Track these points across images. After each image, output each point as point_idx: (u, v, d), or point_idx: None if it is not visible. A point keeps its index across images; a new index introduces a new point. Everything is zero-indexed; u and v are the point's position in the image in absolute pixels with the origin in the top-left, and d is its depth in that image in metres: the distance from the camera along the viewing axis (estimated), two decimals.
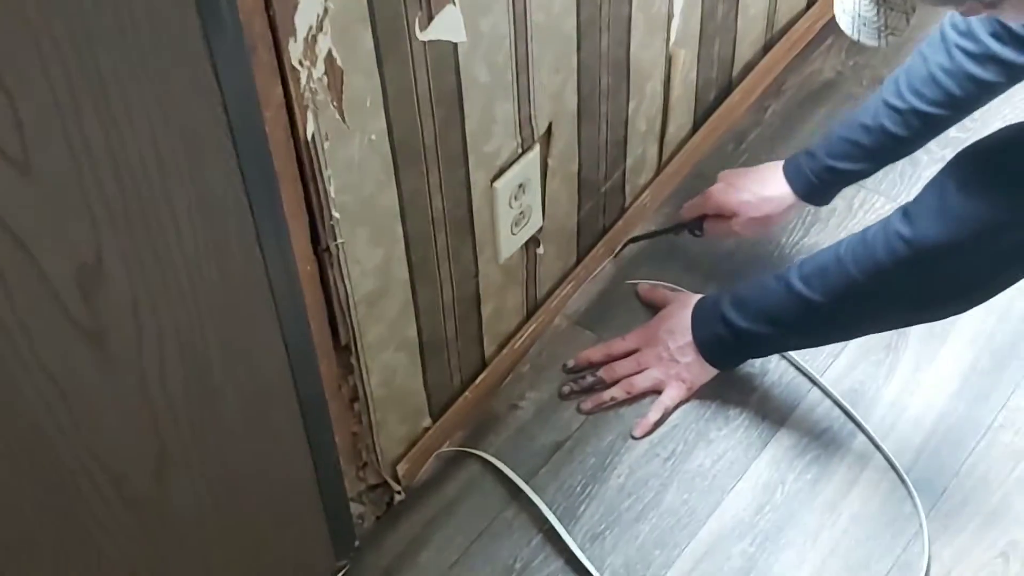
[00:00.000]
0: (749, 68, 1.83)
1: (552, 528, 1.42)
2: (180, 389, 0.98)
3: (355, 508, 1.43)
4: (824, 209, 1.69)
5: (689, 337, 1.48)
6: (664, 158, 1.72)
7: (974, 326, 1.57)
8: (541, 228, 1.48)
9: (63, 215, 0.80)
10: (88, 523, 0.96)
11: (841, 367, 1.56)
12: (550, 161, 1.42)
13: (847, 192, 1.70)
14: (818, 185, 1.50)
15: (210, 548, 1.15)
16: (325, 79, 1.03)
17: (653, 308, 1.59)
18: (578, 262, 1.63)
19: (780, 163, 1.55)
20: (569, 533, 1.42)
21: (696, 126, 1.76)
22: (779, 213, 1.54)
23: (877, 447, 1.48)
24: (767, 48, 1.85)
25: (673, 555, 1.42)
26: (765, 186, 1.53)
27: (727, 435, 1.51)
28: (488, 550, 1.42)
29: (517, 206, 1.39)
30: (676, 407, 1.51)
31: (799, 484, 1.47)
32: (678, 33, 1.57)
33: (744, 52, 1.80)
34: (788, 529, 1.43)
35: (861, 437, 1.50)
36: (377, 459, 1.42)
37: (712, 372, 1.50)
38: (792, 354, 1.55)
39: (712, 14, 1.64)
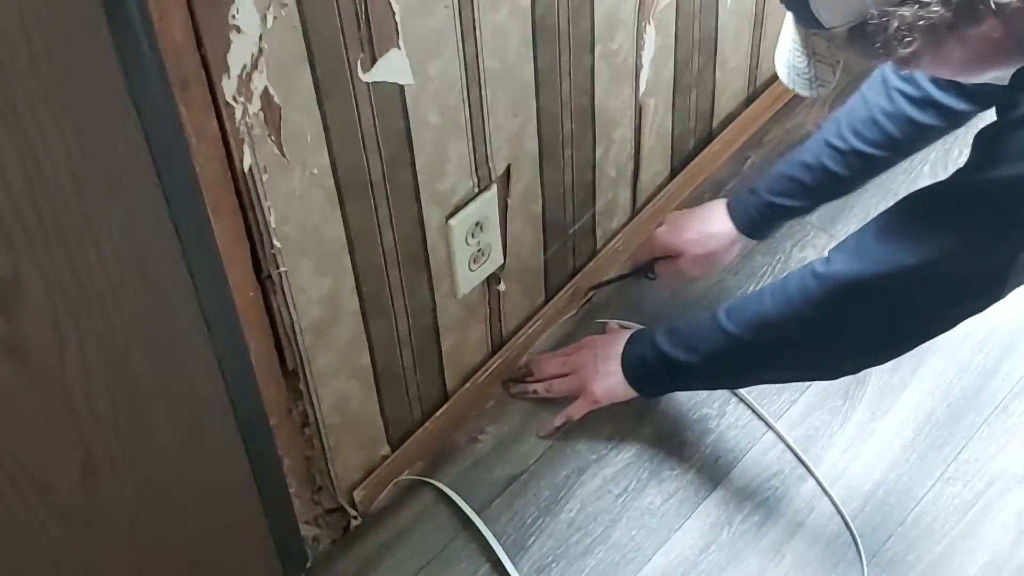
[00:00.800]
0: (730, 119, 1.86)
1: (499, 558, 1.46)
2: (107, 403, 1.04)
3: (310, 531, 1.48)
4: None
5: (619, 351, 1.51)
6: (638, 204, 1.76)
7: (933, 378, 1.60)
8: (503, 266, 1.52)
9: None
10: (12, 526, 1.02)
11: (798, 412, 1.58)
12: (510, 201, 1.47)
13: (834, 227, 1.74)
14: (759, 221, 1.56)
15: (147, 561, 1.20)
16: (262, 114, 1.09)
17: None
18: (547, 301, 1.67)
19: (724, 201, 1.60)
20: (515, 565, 1.46)
21: (673, 173, 1.80)
22: (723, 249, 1.59)
23: (825, 492, 1.50)
24: (749, 100, 1.89)
25: None
26: (709, 223, 1.59)
27: (680, 474, 1.54)
28: None
29: (475, 243, 1.44)
30: (580, 418, 1.55)
31: (745, 525, 1.49)
32: (648, 84, 1.61)
33: (725, 103, 1.84)
34: (731, 568, 1.46)
35: (811, 482, 1.52)
36: (332, 484, 1.46)
37: (630, 394, 1.51)
38: (749, 397, 1.58)
39: (686, 66, 1.68)
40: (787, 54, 1.19)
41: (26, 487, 1.01)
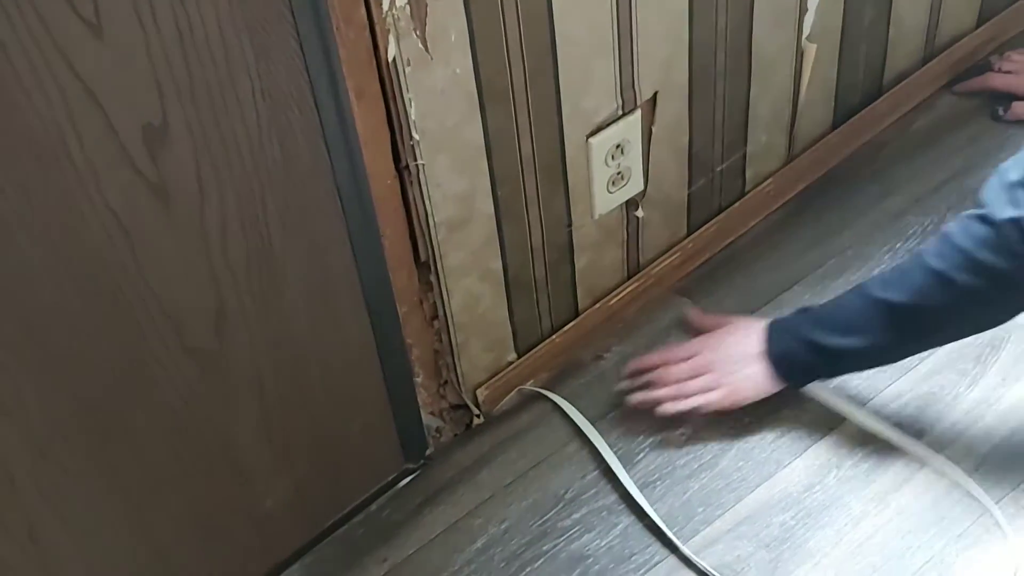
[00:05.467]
0: (902, 78, 1.85)
1: (608, 467, 1.51)
2: (241, 258, 1.14)
3: (435, 422, 1.57)
4: None
5: (760, 348, 1.47)
6: (794, 151, 1.77)
7: None
8: (643, 193, 1.57)
9: (132, 78, 0.96)
10: (147, 358, 1.13)
11: (926, 369, 1.58)
12: (654, 129, 1.51)
13: None
14: None
15: (272, 415, 1.30)
16: (408, 8, 1.17)
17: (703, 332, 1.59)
18: (688, 235, 1.71)
19: None
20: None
21: (836, 125, 1.81)
22: None
23: (936, 451, 1.50)
24: (925, 61, 1.88)
25: (715, 514, 1.48)
26: None
27: (796, 416, 1.56)
28: (544, 477, 1.53)
29: (615, 165, 1.49)
30: (712, 412, 1.51)
31: (854, 471, 1.50)
32: (812, 29, 1.62)
33: (897, 62, 1.83)
34: (833, 509, 1.47)
35: (926, 437, 1.52)
36: (458, 380, 1.54)
37: (776, 388, 1.49)
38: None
39: (857, 18, 1.69)
40: None
41: (162, 324, 1.12)
